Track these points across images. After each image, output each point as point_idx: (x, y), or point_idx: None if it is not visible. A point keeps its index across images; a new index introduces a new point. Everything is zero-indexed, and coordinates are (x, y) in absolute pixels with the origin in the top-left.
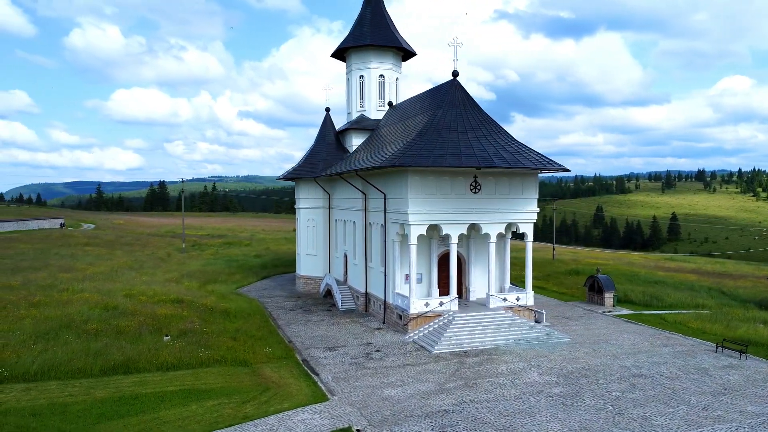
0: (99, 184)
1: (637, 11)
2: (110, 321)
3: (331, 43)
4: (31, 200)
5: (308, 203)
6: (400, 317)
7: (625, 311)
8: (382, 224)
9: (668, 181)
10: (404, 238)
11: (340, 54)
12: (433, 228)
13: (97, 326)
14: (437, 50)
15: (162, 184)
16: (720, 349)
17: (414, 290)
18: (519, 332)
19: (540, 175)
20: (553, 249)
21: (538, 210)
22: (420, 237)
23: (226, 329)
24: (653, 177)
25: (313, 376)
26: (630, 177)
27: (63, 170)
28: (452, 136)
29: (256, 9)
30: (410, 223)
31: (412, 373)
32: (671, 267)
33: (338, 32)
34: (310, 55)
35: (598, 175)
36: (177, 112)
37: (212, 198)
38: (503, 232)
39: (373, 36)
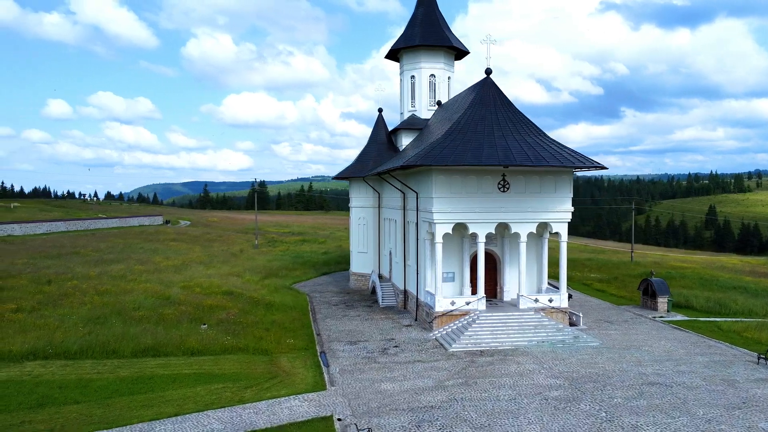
0: (206, 184)
1: None
2: (157, 309)
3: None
4: (148, 199)
5: (359, 202)
6: (428, 314)
7: (679, 317)
8: (416, 223)
9: None
10: (433, 236)
11: (394, 55)
12: (463, 227)
13: (143, 313)
14: (539, 47)
15: (262, 183)
16: (762, 360)
17: (440, 288)
18: (544, 334)
19: (631, 173)
20: (632, 250)
21: (572, 209)
22: (452, 235)
23: (262, 321)
24: None
25: (323, 367)
26: (751, 174)
27: (181, 171)
28: (478, 134)
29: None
30: (435, 221)
31: (418, 369)
32: None
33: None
34: None
35: (714, 172)
36: (284, 114)
37: (307, 197)
38: (534, 231)
39: (424, 36)
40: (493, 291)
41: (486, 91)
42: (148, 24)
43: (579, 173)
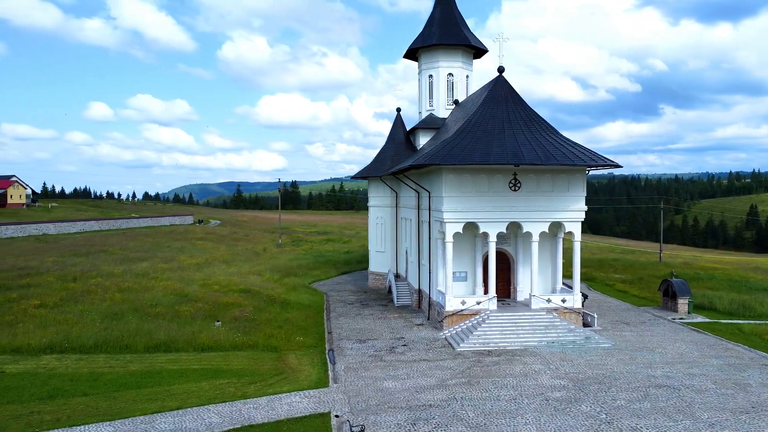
0: (239, 185)
1: None
2: (174, 306)
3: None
4: (183, 200)
5: (377, 201)
6: (438, 314)
7: (699, 319)
8: (428, 222)
9: None
10: (444, 235)
11: (412, 55)
12: (474, 226)
13: (160, 310)
14: (575, 44)
15: (294, 184)
16: None
17: (450, 287)
18: (555, 334)
19: (670, 171)
20: (660, 251)
21: (585, 208)
22: (465, 235)
23: (276, 318)
24: None
25: (329, 364)
26: None
27: (217, 171)
28: (488, 133)
29: (390, 12)
30: (445, 220)
31: (422, 368)
32: None
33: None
34: None
35: (757, 170)
36: (317, 115)
37: (338, 197)
38: (547, 231)
39: (441, 35)
40: (506, 291)
41: (498, 89)
42: (186, 28)
43: (616, 172)
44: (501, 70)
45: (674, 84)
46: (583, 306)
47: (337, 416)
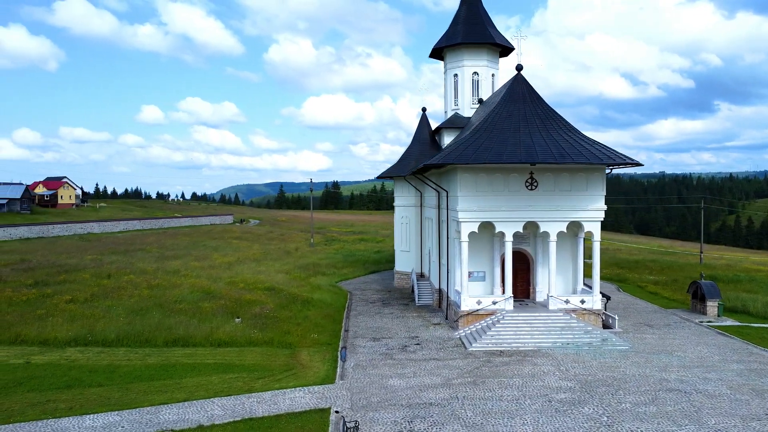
0: (281, 185)
1: None
2: (198, 303)
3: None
4: (229, 200)
5: (402, 201)
6: (455, 313)
7: (729, 322)
8: (447, 221)
9: None
10: (460, 234)
11: (438, 54)
12: (491, 226)
13: (183, 306)
14: (624, 39)
15: (335, 184)
16: None
17: (465, 287)
18: (571, 336)
19: (725, 170)
20: (701, 252)
21: (605, 207)
22: (483, 235)
23: (296, 316)
24: None
25: (339, 361)
26: None
27: (263, 172)
28: (503, 132)
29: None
30: (460, 219)
31: (430, 366)
32: None
33: (515, 28)
34: None
35: None
36: (362, 115)
37: (379, 197)
38: (565, 230)
39: (465, 34)
40: (526, 291)
41: (515, 87)
42: (234, 32)
43: (668, 171)
44: (519, 68)
45: (730, 79)
46: (605, 308)
47: (337, 412)
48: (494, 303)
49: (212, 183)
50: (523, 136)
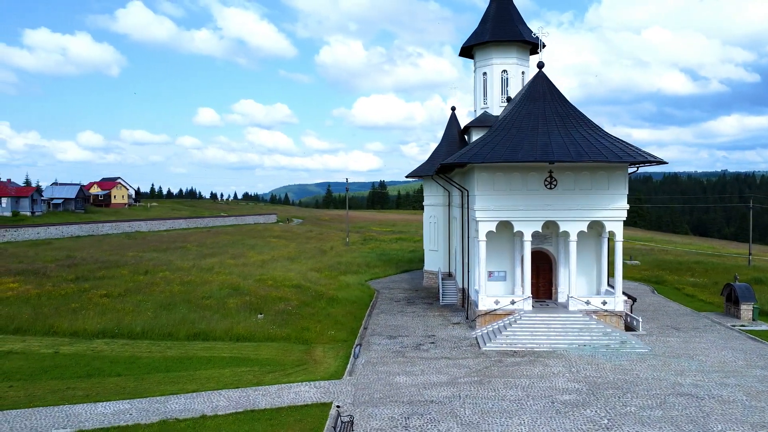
0: (329, 185)
1: None
2: (224, 299)
3: (560, 36)
4: (279, 199)
5: (430, 200)
6: (473, 313)
7: (763, 326)
8: (467, 220)
9: None
10: (485, 234)
11: (468, 53)
12: (511, 225)
13: (210, 302)
14: (683, 33)
15: (382, 184)
16: None
17: (483, 286)
18: (588, 337)
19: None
20: (749, 253)
21: (627, 207)
22: (504, 234)
23: (318, 313)
24: None
25: (352, 358)
26: None
27: (314, 172)
28: (521, 131)
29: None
30: (477, 219)
31: (440, 365)
32: None
33: (568, 24)
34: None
35: None
36: (412, 115)
37: (423, 196)
38: (585, 230)
39: (494, 32)
40: (549, 292)
41: (535, 85)
42: (286, 35)
43: (730, 169)
44: (540, 65)
45: None
46: (631, 309)
47: (338, 407)
48: (513, 303)
49: (265, 183)
50: (540, 134)
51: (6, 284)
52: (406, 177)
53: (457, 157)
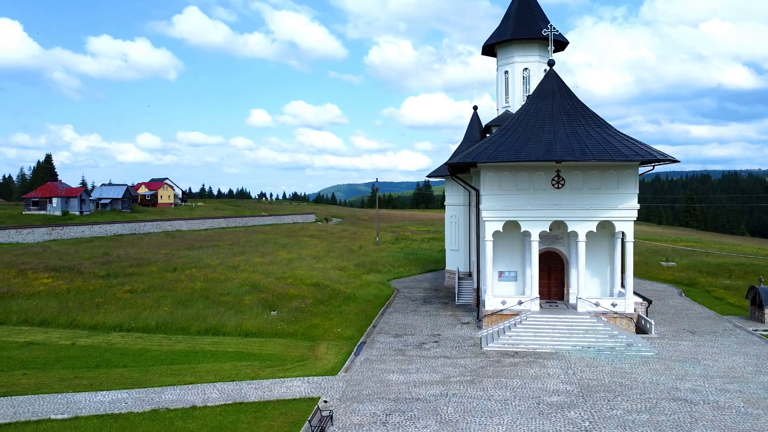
0: (373, 184)
1: None
2: (241, 295)
3: (614, 31)
4: (326, 199)
5: (451, 200)
6: (481, 312)
7: None
8: (477, 220)
9: None
10: (494, 234)
11: (491, 51)
12: (517, 225)
13: (227, 299)
14: (745, 25)
15: (427, 184)
16: None
17: (490, 286)
18: (593, 339)
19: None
20: None
21: (638, 206)
22: (514, 234)
23: (331, 311)
24: None
25: (352, 355)
26: None
27: (364, 172)
28: (528, 129)
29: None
30: (484, 218)
31: (437, 364)
32: None
33: (622, 18)
34: (593, 45)
35: None
36: (461, 114)
37: None
38: (594, 230)
39: (515, 30)
40: (560, 293)
41: (546, 83)
42: (337, 36)
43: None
44: (551, 63)
45: None
46: (646, 312)
47: (325, 401)
48: (520, 303)
49: (315, 183)
50: (546, 132)
51: (41, 279)
52: (427, 177)
53: (462, 157)
